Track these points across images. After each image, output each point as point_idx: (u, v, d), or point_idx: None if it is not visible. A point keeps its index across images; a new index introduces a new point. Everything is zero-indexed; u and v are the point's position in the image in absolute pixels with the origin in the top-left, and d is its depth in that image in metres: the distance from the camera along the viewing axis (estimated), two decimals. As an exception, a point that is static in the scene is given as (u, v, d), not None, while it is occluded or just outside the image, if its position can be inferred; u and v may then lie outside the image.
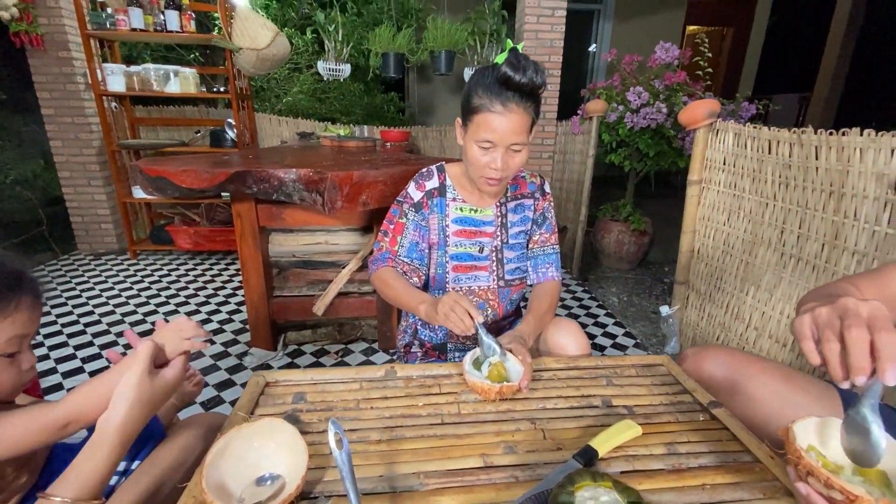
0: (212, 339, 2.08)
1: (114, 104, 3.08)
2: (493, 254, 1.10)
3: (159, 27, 2.73)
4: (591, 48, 5.69)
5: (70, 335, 2.08)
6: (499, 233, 1.10)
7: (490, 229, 1.10)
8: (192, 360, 1.91)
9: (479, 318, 0.83)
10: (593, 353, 1.01)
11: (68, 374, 1.79)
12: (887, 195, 1.12)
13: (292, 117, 3.86)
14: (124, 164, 3.12)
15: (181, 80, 2.90)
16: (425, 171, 1.11)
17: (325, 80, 3.66)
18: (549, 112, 3.10)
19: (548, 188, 1.15)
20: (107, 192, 3.17)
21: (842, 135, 1.22)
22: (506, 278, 1.11)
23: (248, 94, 3.39)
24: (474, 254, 1.10)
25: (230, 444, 0.59)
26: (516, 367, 0.81)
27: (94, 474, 0.51)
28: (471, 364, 0.82)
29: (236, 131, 3.15)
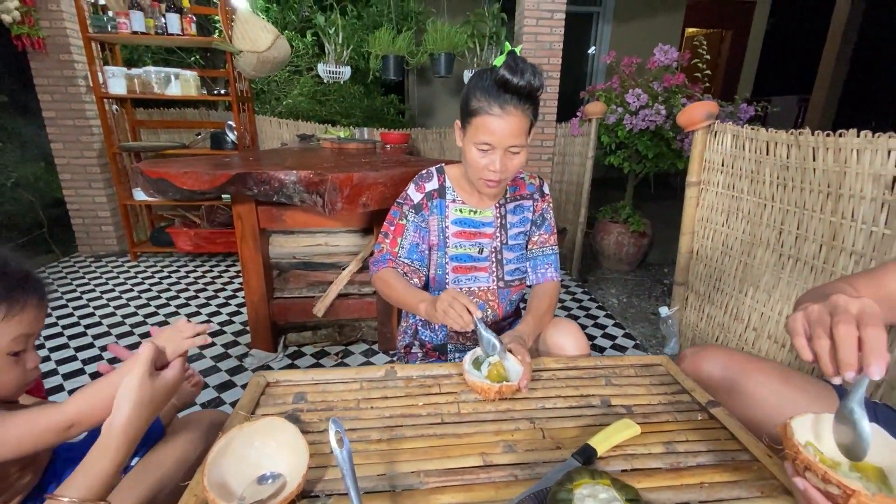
0: (213, 340, 2.08)
1: (115, 107, 3.10)
2: (493, 255, 1.11)
3: (160, 30, 2.75)
4: (591, 50, 5.71)
5: (71, 337, 2.08)
6: (498, 234, 1.11)
7: (489, 230, 1.10)
8: (193, 361, 1.93)
9: (478, 313, 0.83)
10: (593, 354, 1.02)
11: (69, 375, 1.79)
12: (884, 196, 1.12)
13: (293, 119, 3.87)
14: (125, 167, 3.13)
15: (182, 83, 2.91)
16: (425, 172, 1.11)
17: (326, 82, 3.68)
18: (548, 114, 3.11)
19: (547, 189, 1.15)
20: (107, 195, 3.18)
21: (839, 136, 1.22)
22: (505, 279, 1.12)
23: (249, 97, 3.40)
24: (474, 255, 1.10)
25: (231, 443, 0.59)
26: (516, 367, 0.82)
27: (101, 475, 0.52)
28: (470, 364, 0.82)
29: (237, 133, 3.16)
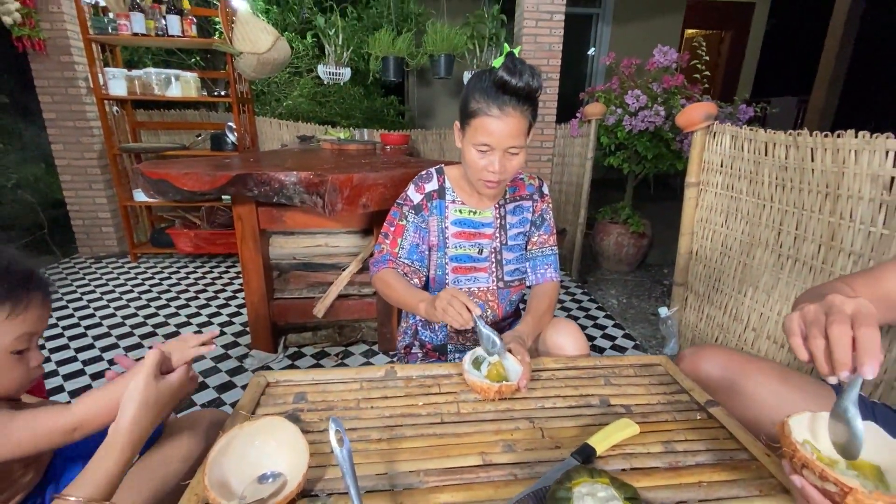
0: (216, 343, 2.08)
1: (115, 108, 3.10)
2: (493, 255, 1.11)
3: (161, 32, 2.76)
4: (590, 52, 5.72)
5: (71, 338, 2.09)
6: (498, 234, 1.11)
7: (489, 231, 1.11)
8: (193, 362, 1.93)
9: (477, 311, 0.83)
10: (592, 355, 1.02)
11: (69, 376, 1.79)
12: (882, 196, 1.13)
13: (293, 121, 3.88)
14: (125, 168, 3.14)
15: (182, 84, 2.92)
16: (424, 173, 1.12)
17: (326, 83, 3.69)
18: (548, 115, 3.11)
19: (546, 190, 1.16)
20: (108, 196, 3.18)
21: (837, 137, 1.23)
22: (505, 279, 1.12)
23: (249, 98, 3.41)
24: (473, 255, 1.11)
25: (232, 442, 0.60)
26: (515, 367, 0.82)
27: (107, 475, 0.53)
28: (470, 363, 0.83)
29: (237, 135, 3.16)
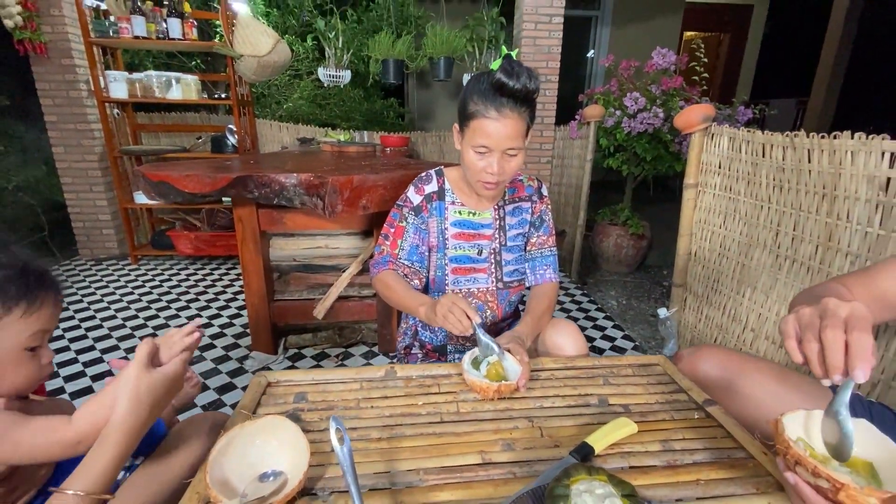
0: (213, 343, 2.09)
1: (116, 111, 3.12)
2: (492, 256, 1.12)
3: (161, 35, 2.77)
4: (589, 54, 5.74)
5: (72, 339, 2.09)
6: (497, 235, 1.12)
7: (488, 232, 1.12)
8: (193, 364, 1.93)
9: (477, 318, 0.84)
10: (591, 355, 1.03)
11: (70, 377, 1.79)
12: (878, 197, 1.13)
13: (293, 123, 3.89)
14: (126, 170, 3.15)
15: (183, 87, 2.93)
16: (424, 175, 1.13)
17: (326, 86, 3.70)
18: (547, 117, 3.13)
19: (545, 191, 1.17)
20: (108, 198, 3.19)
21: (833, 138, 1.24)
22: (504, 280, 1.13)
23: (249, 101, 3.42)
24: (473, 256, 1.11)
25: (233, 441, 0.60)
26: (514, 367, 0.82)
27: (103, 469, 0.53)
28: (469, 363, 0.83)
29: (237, 137, 3.18)
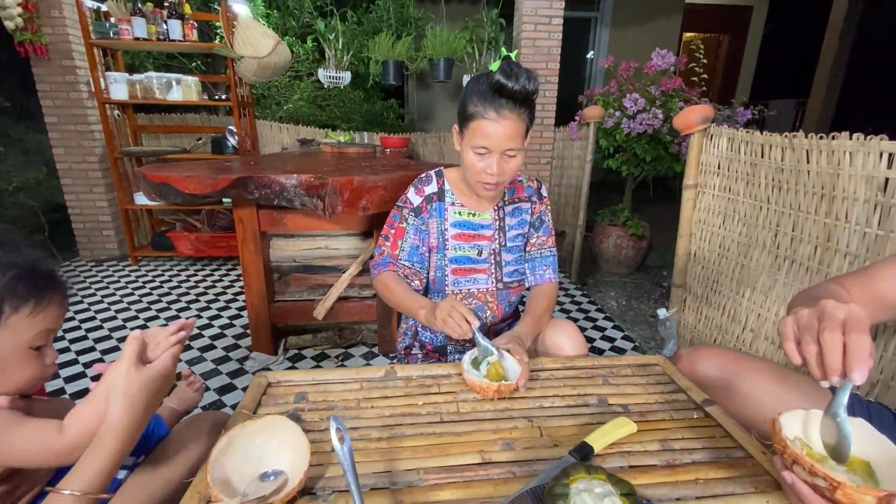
0: (213, 343, 2.09)
1: (116, 112, 3.12)
2: (492, 257, 1.12)
3: (162, 36, 2.78)
4: (589, 55, 5.75)
5: (72, 340, 2.09)
6: (497, 236, 1.12)
7: (488, 233, 1.12)
8: (193, 365, 1.94)
9: (476, 322, 0.85)
10: (591, 355, 1.03)
11: (70, 378, 1.80)
12: (877, 197, 1.14)
13: (293, 124, 3.90)
14: (126, 171, 3.15)
15: (183, 88, 2.94)
16: (424, 176, 1.13)
17: (326, 87, 3.72)
18: (546, 118, 3.13)
19: (545, 192, 1.17)
20: (108, 199, 3.20)
21: (831, 139, 1.24)
22: (504, 281, 1.13)
23: (250, 102, 3.43)
24: (473, 257, 1.12)
25: (234, 440, 0.60)
26: (514, 367, 0.83)
27: (98, 468, 0.52)
28: (469, 363, 0.83)
29: (237, 138, 3.18)
